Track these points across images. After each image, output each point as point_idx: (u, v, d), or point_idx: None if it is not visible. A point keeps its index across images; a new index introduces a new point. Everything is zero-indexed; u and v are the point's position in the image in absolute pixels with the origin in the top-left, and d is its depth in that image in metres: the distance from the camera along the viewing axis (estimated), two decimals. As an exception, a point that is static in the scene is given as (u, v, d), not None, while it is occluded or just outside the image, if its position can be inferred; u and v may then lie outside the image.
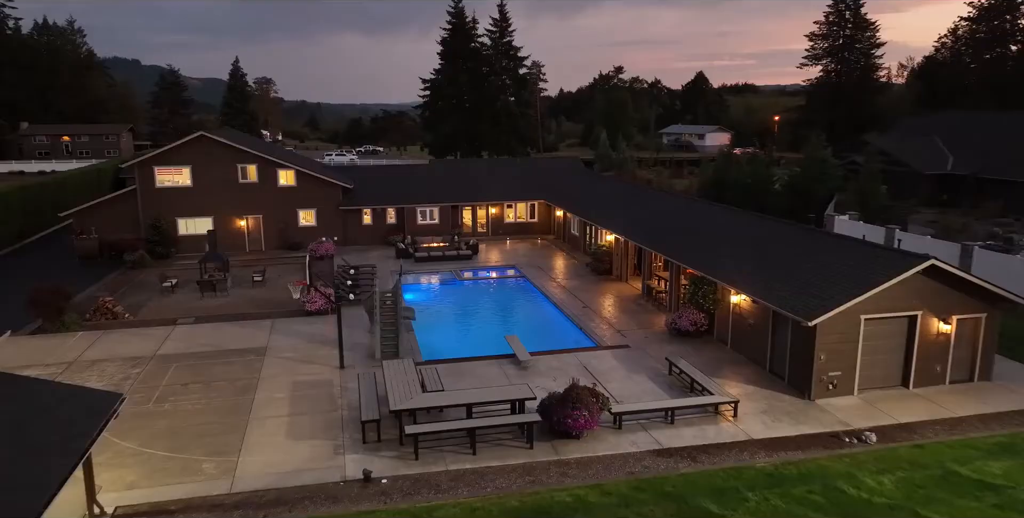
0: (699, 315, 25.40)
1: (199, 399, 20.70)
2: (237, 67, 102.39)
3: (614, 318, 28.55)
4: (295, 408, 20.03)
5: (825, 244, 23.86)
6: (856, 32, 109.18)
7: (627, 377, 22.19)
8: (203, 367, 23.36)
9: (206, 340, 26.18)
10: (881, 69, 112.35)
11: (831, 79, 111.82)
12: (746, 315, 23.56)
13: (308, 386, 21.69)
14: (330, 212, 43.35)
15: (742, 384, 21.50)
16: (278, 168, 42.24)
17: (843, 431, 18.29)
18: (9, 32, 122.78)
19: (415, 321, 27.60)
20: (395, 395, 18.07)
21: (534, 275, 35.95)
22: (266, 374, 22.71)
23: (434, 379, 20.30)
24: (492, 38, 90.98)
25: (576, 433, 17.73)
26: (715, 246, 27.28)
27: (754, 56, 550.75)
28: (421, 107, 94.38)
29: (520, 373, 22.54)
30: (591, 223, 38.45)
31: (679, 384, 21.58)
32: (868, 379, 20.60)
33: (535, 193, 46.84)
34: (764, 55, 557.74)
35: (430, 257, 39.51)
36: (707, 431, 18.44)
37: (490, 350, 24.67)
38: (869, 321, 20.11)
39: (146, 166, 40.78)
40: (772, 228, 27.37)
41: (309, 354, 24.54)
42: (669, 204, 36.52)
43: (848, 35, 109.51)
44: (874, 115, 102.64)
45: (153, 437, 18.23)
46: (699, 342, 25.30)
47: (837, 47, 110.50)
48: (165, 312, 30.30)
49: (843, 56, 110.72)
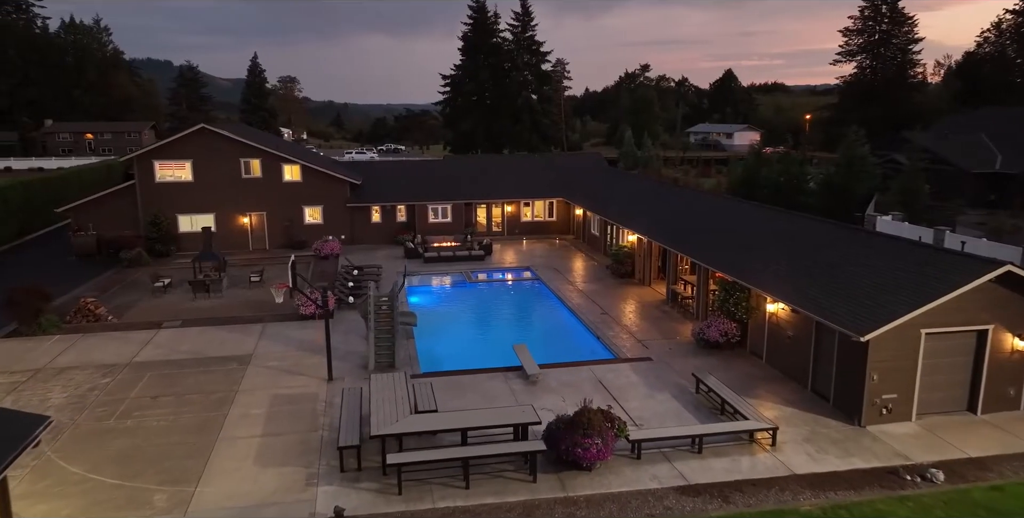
0: (730, 325, 22.74)
1: (167, 414, 18.51)
2: (256, 63, 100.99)
3: (635, 326, 25.97)
4: (271, 427, 17.75)
5: (875, 246, 21.08)
6: (893, 27, 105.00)
7: (648, 395, 19.62)
8: (179, 377, 21.20)
9: (189, 346, 24.07)
10: (918, 65, 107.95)
11: (866, 76, 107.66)
12: (784, 326, 20.87)
13: (290, 401, 19.42)
14: (337, 209, 41.21)
15: (779, 405, 18.84)
16: (283, 163, 40.19)
17: (902, 466, 15.56)
18: (37, 31, 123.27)
19: (416, 327, 25.33)
20: (379, 416, 15.68)
21: (550, 278, 33.45)
22: (246, 386, 20.49)
23: (428, 396, 17.88)
24: (514, 32, 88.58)
25: (587, 464, 15.23)
26: (748, 247, 24.61)
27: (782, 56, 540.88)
28: (441, 104, 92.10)
29: (527, 389, 20.08)
30: (612, 222, 35.85)
31: (707, 404, 18.97)
32: (928, 403, 17.82)
33: (554, 191, 44.31)
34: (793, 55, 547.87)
35: (440, 257, 37.18)
36: (741, 463, 15.82)
37: (496, 361, 22.26)
38: (931, 336, 17.34)
39: (145, 160, 38.94)
40: (812, 227, 24.58)
41: (297, 363, 22.29)
42: (697, 202, 33.79)
43: (884, 30, 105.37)
44: (911, 113, 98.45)
45: (105, 461, 16.03)
46: (729, 355, 22.64)
47: (873, 43, 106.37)
48: (153, 314, 28.32)
49: (879, 52, 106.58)
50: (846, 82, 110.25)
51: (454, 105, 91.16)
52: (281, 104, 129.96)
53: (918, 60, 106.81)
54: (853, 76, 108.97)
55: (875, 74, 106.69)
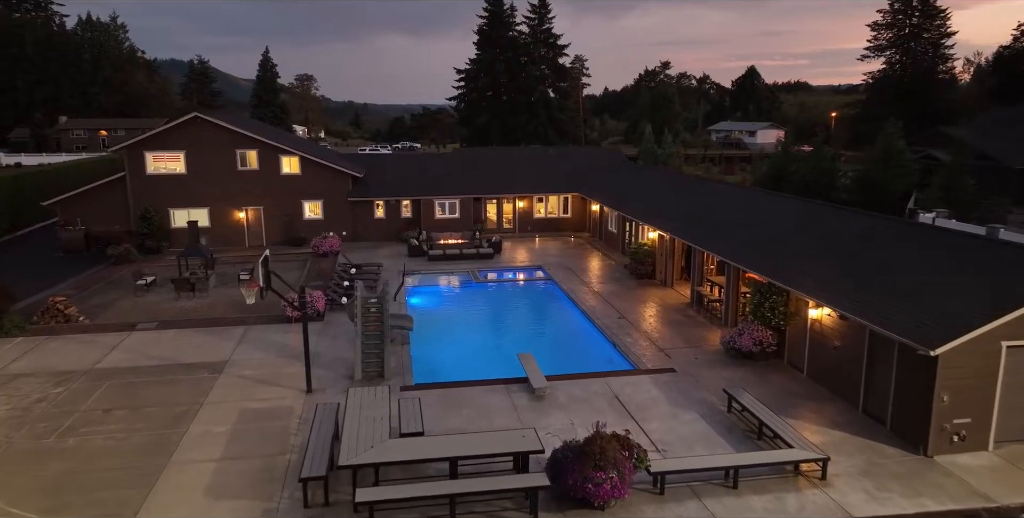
0: (765, 332, 19.99)
1: (116, 432, 16.12)
2: (267, 57, 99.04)
3: (656, 332, 23.28)
4: (233, 448, 15.29)
5: (934, 243, 18.28)
6: (924, 21, 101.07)
7: (672, 414, 16.95)
8: (141, 387, 18.83)
9: (160, 350, 21.72)
10: (951, 60, 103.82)
11: (895, 72, 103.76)
12: (830, 335, 18.10)
13: (260, 416, 16.97)
14: (338, 204, 38.84)
15: (826, 429, 16.10)
16: (281, 154, 37.87)
17: (985, 509, 12.79)
18: (55, 28, 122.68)
19: (412, 332, 22.85)
20: (350, 441, 13.16)
21: (563, 278, 30.82)
22: (214, 398, 18.07)
23: (414, 415, 15.32)
24: (530, 25, 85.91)
25: (599, 503, 12.61)
26: (785, 245, 21.86)
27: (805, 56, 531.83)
28: (455, 99, 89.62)
29: (532, 405, 17.48)
30: (631, 218, 33.13)
31: (742, 426, 16.27)
32: (1008, 429, 15.00)
33: (569, 186, 41.64)
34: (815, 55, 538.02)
35: (445, 255, 34.65)
36: (786, 502, 13.11)
37: (500, 371, 19.71)
38: (1014, 350, 14.53)
39: (136, 151, 36.78)
40: (857, 222, 21.74)
41: (275, 372, 19.85)
42: (724, 197, 30.99)
43: (915, 24, 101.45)
44: (943, 110, 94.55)
45: (33, 490, 13.64)
46: (764, 367, 19.90)
47: (903, 37, 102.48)
48: (131, 314, 26.06)
49: (909, 47, 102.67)
50: (874, 78, 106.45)
51: (468, 100, 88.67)
52: (298, 102, 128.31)
53: (950, 54, 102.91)
54: (882, 72, 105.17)
55: (905, 70, 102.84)
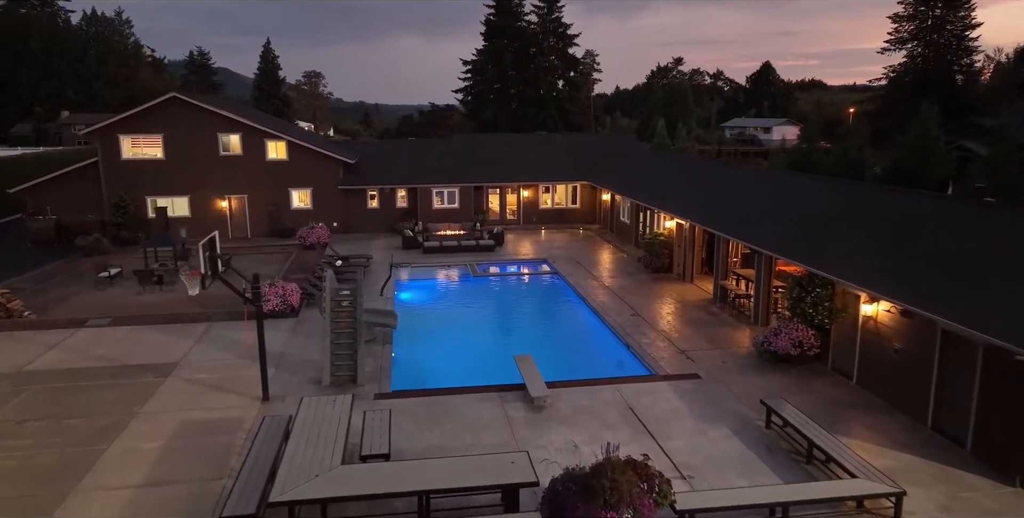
0: (806, 332, 16.97)
1: (22, 450, 13.28)
2: (268, 49, 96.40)
3: (675, 332, 20.29)
4: (158, 471, 12.44)
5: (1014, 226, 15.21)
6: (947, 12, 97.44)
7: (698, 430, 13.98)
8: (69, 393, 16.03)
9: (106, 350, 18.94)
10: (976, 53, 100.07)
11: (917, 65, 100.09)
12: (888, 335, 15.07)
13: (201, 430, 14.12)
14: (329, 193, 36.02)
15: (888, 449, 13.09)
16: (266, 138, 35.08)
17: (1118, 565, 9.77)
18: (60, 23, 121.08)
19: (397, 330, 20.01)
20: (291, 468, 10.27)
21: (571, 271, 27.87)
22: (152, 407, 15.24)
23: (380, 432, 12.38)
24: (539, 15, 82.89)
25: (610, 553, 9.66)
26: (827, 230, 18.84)
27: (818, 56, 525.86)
28: (461, 91, 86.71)
29: (529, 417, 14.56)
30: (646, 206, 30.11)
31: (785, 446, 13.29)
32: None
33: (578, 174, 38.67)
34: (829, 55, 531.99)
35: (442, 247, 31.76)
36: (852, 552, 10.14)
37: (494, 375, 16.80)
38: None
39: (109, 134, 34.10)
40: (915, 204, 18.57)
41: (231, 375, 17.02)
42: (750, 181, 27.90)
43: (938, 15, 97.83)
44: (966, 104, 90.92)
45: None
46: (805, 372, 16.90)
47: (925, 28, 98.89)
48: (87, 309, 23.30)
49: (931, 39, 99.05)
50: (895, 71, 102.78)
51: (475, 93, 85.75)
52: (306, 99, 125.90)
53: (975, 47, 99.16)
54: (903, 65, 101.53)
55: (928, 63, 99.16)
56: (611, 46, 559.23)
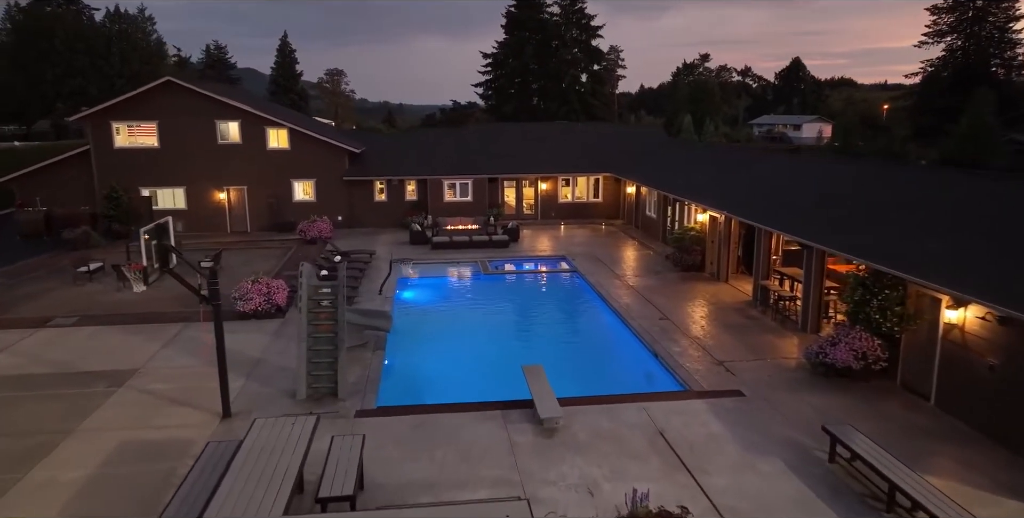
0: (872, 342, 14.23)
1: (-78, 476, 11.02)
2: (285, 42, 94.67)
3: (711, 339, 17.62)
4: (76, 508, 10.07)
5: None
6: (989, 3, 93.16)
7: (744, 463, 11.34)
8: (7, 404, 13.77)
9: (61, 354, 16.71)
10: (1020, 46, 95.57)
11: (956, 58, 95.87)
12: (979, 347, 12.31)
13: (142, 454, 11.75)
14: (333, 184, 33.72)
15: (986, 492, 10.38)
16: (267, 126, 32.85)
17: None
18: (85, 21, 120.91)
19: (391, 334, 17.58)
20: (218, 515, 7.80)
21: (591, 270, 25.26)
22: (92, 423, 12.92)
23: (350, 464, 9.88)
24: (562, 6, 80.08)
25: None
26: (892, 222, 16.07)
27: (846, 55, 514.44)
28: (482, 85, 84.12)
29: (538, 443, 12.01)
30: (676, 198, 27.40)
31: (854, 486, 10.62)
32: None
33: (601, 166, 35.98)
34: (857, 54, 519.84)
35: (452, 243, 29.31)
36: None
37: (499, 389, 14.27)
38: None
39: (101, 120, 32.11)
40: (1000, 191, 15.80)
41: (194, 386, 14.65)
42: (792, 169, 25.10)
43: (980, 6, 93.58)
44: (1009, 98, 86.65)
45: None
46: (869, 391, 14.16)
47: (966, 20, 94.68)
48: (58, 307, 21.18)
49: (972, 31, 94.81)
50: (932, 65, 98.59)
51: (496, 87, 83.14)
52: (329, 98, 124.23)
53: (1019, 39, 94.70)
54: (941, 59, 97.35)
55: (967, 56, 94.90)
56: (635, 45, 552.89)
